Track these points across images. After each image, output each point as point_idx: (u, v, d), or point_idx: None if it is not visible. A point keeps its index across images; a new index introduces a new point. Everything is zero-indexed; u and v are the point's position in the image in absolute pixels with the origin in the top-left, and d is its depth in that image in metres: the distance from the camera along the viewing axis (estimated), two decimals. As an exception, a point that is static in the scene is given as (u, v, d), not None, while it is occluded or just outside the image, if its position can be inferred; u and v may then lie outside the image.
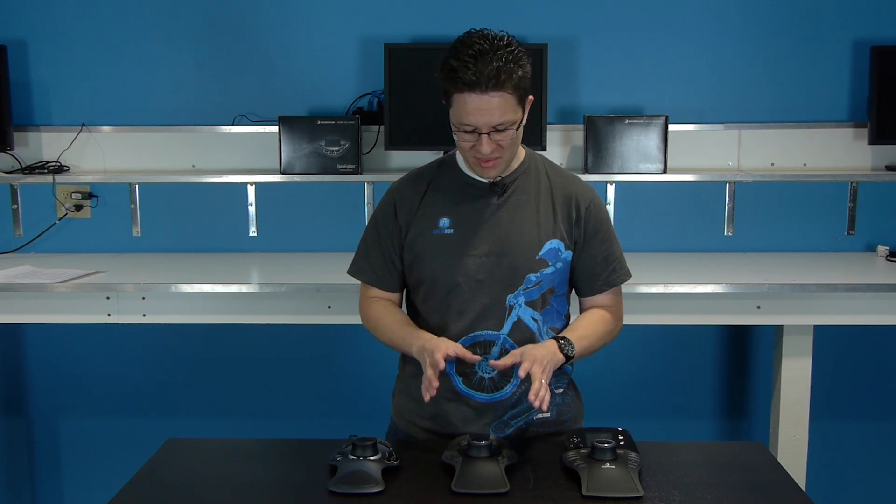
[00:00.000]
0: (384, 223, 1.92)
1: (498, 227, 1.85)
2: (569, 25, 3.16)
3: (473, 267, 1.84)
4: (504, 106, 1.72)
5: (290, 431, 3.29)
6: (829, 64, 3.16)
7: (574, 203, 1.89)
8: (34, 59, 3.24)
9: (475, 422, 1.86)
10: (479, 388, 1.87)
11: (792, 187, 3.20)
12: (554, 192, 1.90)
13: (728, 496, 1.59)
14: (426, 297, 1.90)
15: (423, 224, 1.88)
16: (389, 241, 1.91)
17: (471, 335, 1.85)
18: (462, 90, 1.71)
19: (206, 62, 3.23)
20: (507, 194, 1.87)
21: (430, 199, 1.90)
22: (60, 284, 2.75)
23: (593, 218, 1.90)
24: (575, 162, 3.18)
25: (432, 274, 1.86)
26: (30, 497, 3.47)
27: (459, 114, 1.74)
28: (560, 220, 1.88)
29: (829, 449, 3.31)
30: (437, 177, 1.92)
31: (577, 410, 1.98)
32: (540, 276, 1.85)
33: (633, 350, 3.32)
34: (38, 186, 3.24)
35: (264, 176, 3.17)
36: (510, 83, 1.71)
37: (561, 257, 1.87)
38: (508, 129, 1.76)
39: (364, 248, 1.96)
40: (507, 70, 1.70)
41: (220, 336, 3.31)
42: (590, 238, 1.90)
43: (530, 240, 1.85)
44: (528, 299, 1.85)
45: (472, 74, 1.69)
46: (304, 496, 1.61)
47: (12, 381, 3.42)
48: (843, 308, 2.75)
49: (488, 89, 1.70)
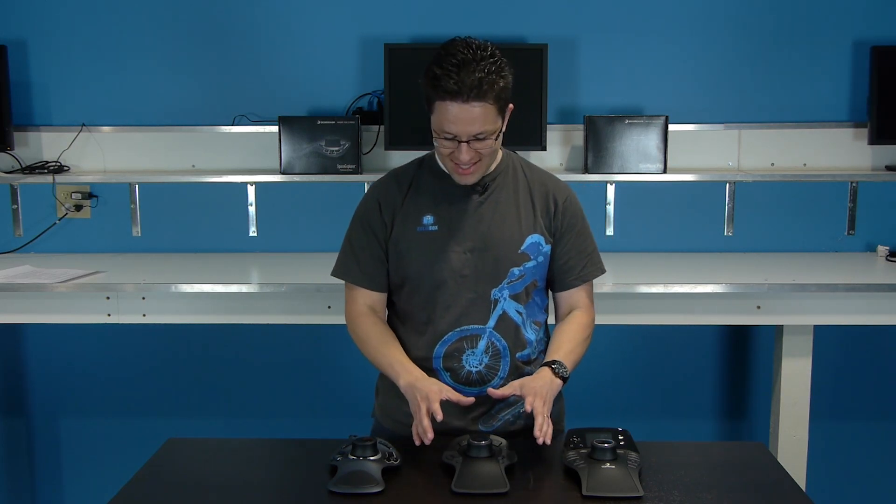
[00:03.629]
0: (371, 222, 1.93)
1: (481, 222, 1.88)
2: (569, 25, 3.16)
3: (458, 262, 1.87)
4: (485, 116, 1.74)
5: (290, 431, 3.29)
6: (829, 64, 3.16)
7: (552, 198, 1.93)
8: (34, 59, 3.24)
9: (462, 416, 1.88)
10: (466, 383, 1.89)
11: (792, 187, 3.20)
12: (532, 188, 1.94)
13: (728, 496, 1.59)
14: (410, 295, 1.91)
15: (407, 222, 1.90)
16: (377, 240, 1.92)
17: (457, 329, 1.88)
18: (444, 98, 1.73)
19: (206, 62, 3.23)
20: (487, 192, 1.90)
21: (413, 198, 1.92)
22: (60, 284, 2.75)
23: (569, 213, 1.94)
24: (575, 162, 3.18)
25: (417, 271, 1.88)
26: (30, 497, 3.47)
27: (440, 121, 1.76)
28: (539, 214, 1.92)
29: (829, 449, 3.31)
30: (417, 176, 1.94)
31: (560, 406, 2.02)
32: (523, 269, 1.89)
33: (633, 350, 3.32)
34: (38, 186, 3.24)
35: (264, 176, 3.18)
36: (492, 94, 1.73)
37: (542, 251, 1.91)
38: (488, 138, 1.78)
39: (351, 250, 1.96)
40: (489, 81, 1.72)
41: (220, 336, 3.31)
42: (566, 232, 1.93)
43: (512, 234, 1.89)
44: (512, 293, 1.89)
45: (454, 84, 1.71)
46: (304, 496, 1.61)
47: (12, 381, 3.42)
48: (843, 308, 2.75)
49: (470, 99, 1.72)
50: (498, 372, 1.90)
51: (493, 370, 1.89)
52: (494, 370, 1.89)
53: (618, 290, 2.72)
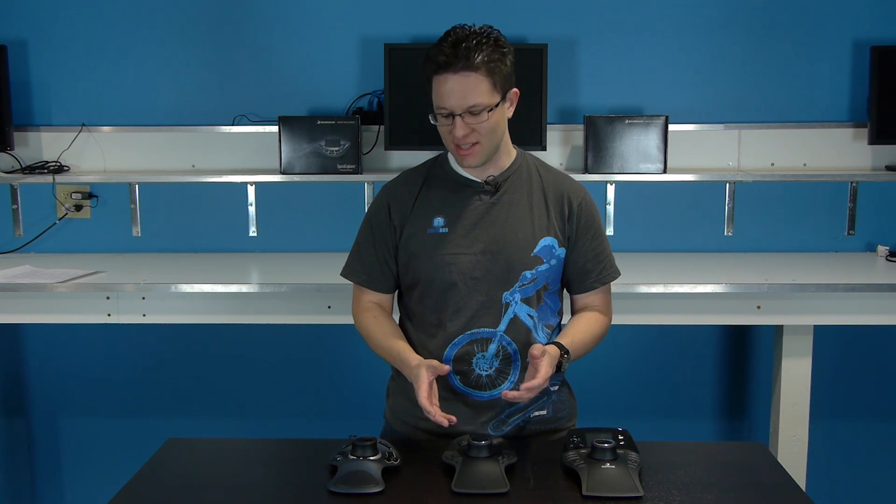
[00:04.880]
0: (378, 224, 1.93)
1: (492, 225, 1.86)
2: (569, 25, 3.16)
3: (469, 265, 1.85)
4: (476, 87, 1.75)
5: (289, 431, 3.29)
6: (829, 64, 3.16)
7: (566, 200, 1.91)
8: (34, 59, 3.24)
9: (473, 420, 1.87)
10: (476, 387, 1.87)
11: (792, 187, 3.20)
12: (546, 189, 1.91)
13: (728, 496, 1.59)
14: (422, 297, 1.90)
15: (417, 224, 1.88)
16: (383, 241, 1.92)
17: (468, 332, 1.86)
18: (437, 72, 1.77)
19: (206, 62, 3.23)
20: (499, 192, 1.88)
21: (424, 199, 1.90)
22: (60, 284, 2.75)
23: (585, 215, 1.92)
24: (575, 162, 3.18)
25: (428, 273, 1.87)
26: (30, 497, 3.47)
27: (436, 97, 1.79)
28: (553, 217, 1.89)
29: (829, 449, 3.31)
30: (429, 176, 1.93)
31: (572, 408, 2.00)
32: (535, 272, 1.86)
33: (633, 350, 3.32)
34: (38, 186, 3.24)
35: (264, 176, 3.17)
36: (484, 66, 1.75)
37: (555, 254, 1.89)
38: (482, 112, 1.77)
39: (357, 250, 1.97)
40: (479, 51, 1.74)
41: (220, 336, 3.31)
42: (581, 234, 1.91)
43: (525, 237, 1.86)
44: (523, 296, 1.86)
45: (445, 56, 1.74)
46: (304, 496, 1.61)
47: (12, 381, 3.42)
48: (843, 308, 2.75)
49: (459, 69, 1.74)
50: (508, 376, 1.87)
51: (503, 374, 1.87)
52: (505, 374, 1.87)
53: (618, 290, 2.68)
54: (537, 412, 1.90)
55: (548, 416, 1.92)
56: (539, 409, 1.91)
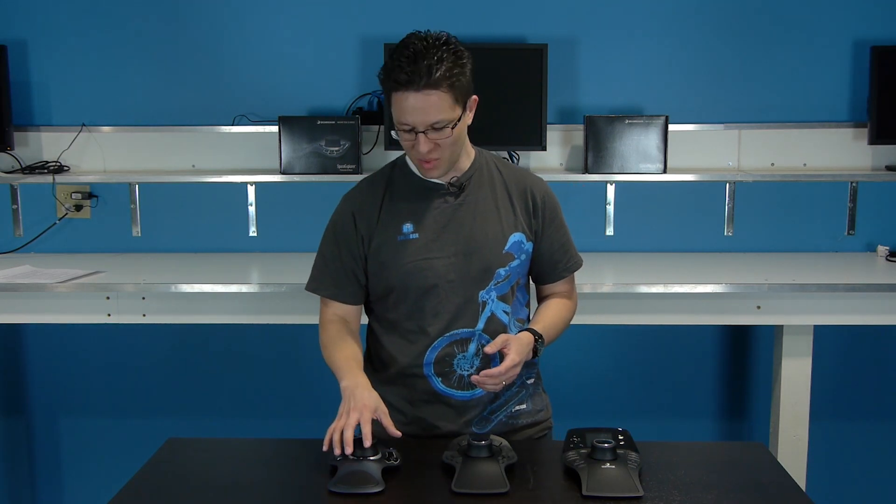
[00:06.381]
0: (344, 235, 1.91)
1: (462, 226, 1.87)
2: (569, 25, 3.16)
3: (444, 268, 1.85)
4: (439, 104, 1.73)
5: (289, 431, 3.28)
6: (829, 64, 3.16)
7: (530, 195, 1.93)
8: (34, 59, 3.24)
9: (456, 420, 1.88)
10: (458, 387, 1.88)
11: (792, 187, 3.20)
12: (509, 186, 1.93)
13: (728, 496, 1.59)
14: (397, 304, 1.89)
15: (386, 232, 1.88)
16: (350, 253, 1.91)
17: (447, 334, 1.87)
18: (398, 89, 1.73)
19: (206, 62, 3.23)
20: (464, 193, 1.89)
21: (389, 207, 1.89)
22: (60, 284, 2.75)
23: (549, 207, 1.94)
24: (575, 162, 3.18)
25: (402, 280, 1.86)
26: (30, 497, 3.47)
27: (397, 113, 1.76)
28: (519, 212, 1.91)
29: (829, 449, 3.31)
30: (391, 183, 1.92)
31: (546, 401, 2.03)
32: (508, 269, 1.88)
33: (633, 350, 3.32)
34: (38, 186, 3.24)
35: (264, 176, 3.17)
36: (445, 81, 1.72)
37: (524, 249, 1.91)
38: (445, 127, 1.76)
39: (323, 263, 1.95)
40: (439, 68, 1.71)
41: (219, 336, 3.31)
42: (547, 227, 1.94)
43: (495, 235, 1.88)
44: (499, 294, 1.88)
45: (405, 74, 1.70)
46: (304, 496, 1.61)
47: (12, 381, 3.42)
48: (843, 308, 2.75)
49: (421, 87, 1.71)
50: None
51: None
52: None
53: (618, 290, 2.72)
54: (518, 406, 1.93)
55: (527, 410, 1.95)
56: (519, 404, 1.94)
